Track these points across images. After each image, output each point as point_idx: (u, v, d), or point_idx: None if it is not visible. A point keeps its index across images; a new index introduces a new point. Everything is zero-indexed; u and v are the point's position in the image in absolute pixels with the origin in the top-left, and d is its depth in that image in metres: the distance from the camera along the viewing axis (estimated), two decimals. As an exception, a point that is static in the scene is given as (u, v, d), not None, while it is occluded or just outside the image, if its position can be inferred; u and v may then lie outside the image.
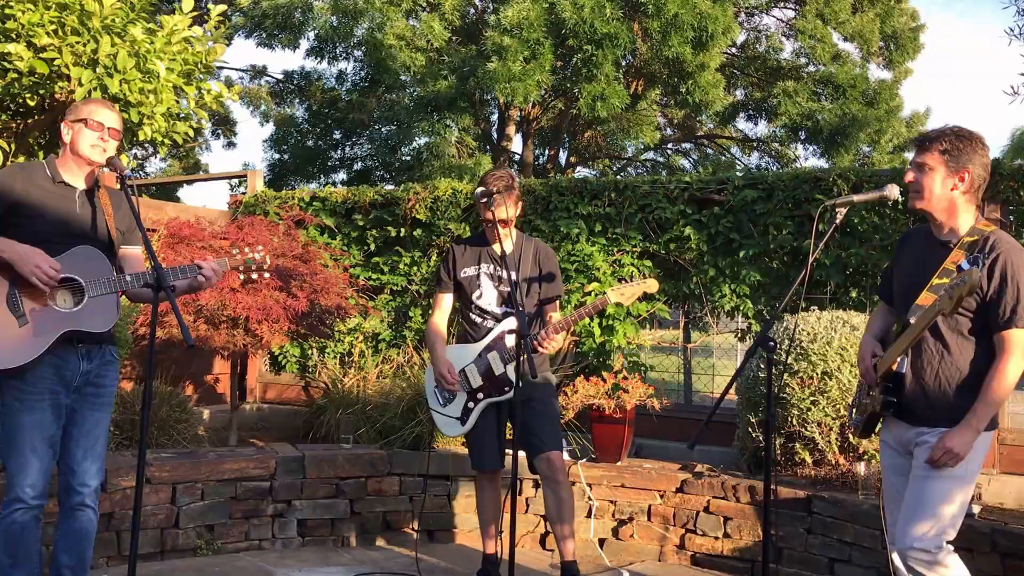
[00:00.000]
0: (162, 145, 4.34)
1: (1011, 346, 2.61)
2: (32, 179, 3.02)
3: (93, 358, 3.07)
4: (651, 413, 4.95)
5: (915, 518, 2.66)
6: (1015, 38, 4.52)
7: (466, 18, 14.24)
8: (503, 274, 3.84)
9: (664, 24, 11.18)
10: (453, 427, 3.83)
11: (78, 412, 3.06)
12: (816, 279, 5.12)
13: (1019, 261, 2.63)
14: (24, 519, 2.92)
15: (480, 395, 3.80)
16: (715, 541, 4.42)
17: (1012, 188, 4.64)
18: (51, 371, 2.96)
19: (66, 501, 3.06)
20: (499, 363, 3.77)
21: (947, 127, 2.76)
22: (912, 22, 15.33)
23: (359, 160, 16.27)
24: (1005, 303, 2.61)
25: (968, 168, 2.69)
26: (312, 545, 4.57)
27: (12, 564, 2.93)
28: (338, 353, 6.52)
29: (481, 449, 3.86)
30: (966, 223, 2.74)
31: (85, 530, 3.07)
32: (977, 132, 2.74)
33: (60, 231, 2.99)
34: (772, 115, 14.70)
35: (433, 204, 6.41)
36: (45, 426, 2.94)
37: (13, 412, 2.93)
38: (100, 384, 3.11)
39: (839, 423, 4.27)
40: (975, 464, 2.68)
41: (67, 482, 3.06)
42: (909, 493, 2.71)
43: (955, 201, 2.73)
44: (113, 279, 2.98)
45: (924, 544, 2.62)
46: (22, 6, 3.71)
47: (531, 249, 3.90)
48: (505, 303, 3.85)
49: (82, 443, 3.05)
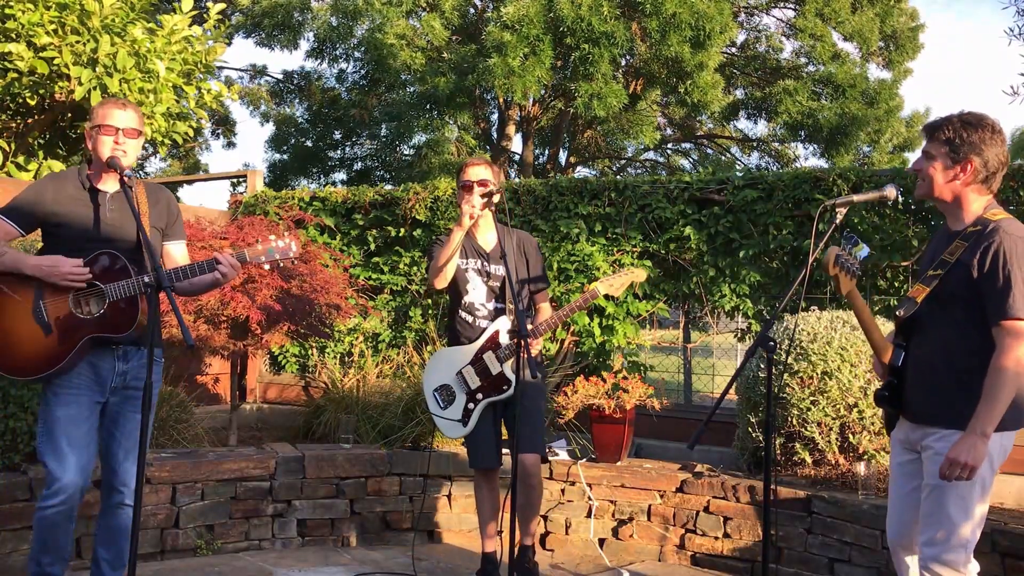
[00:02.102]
0: (162, 145, 4.34)
1: (1005, 340, 2.46)
2: (63, 188, 3.10)
3: (131, 359, 3.13)
4: (651, 413, 4.95)
5: (934, 529, 2.56)
6: (1015, 38, 4.53)
7: (466, 17, 14.24)
8: (491, 269, 3.86)
9: (662, 23, 11.18)
10: (455, 429, 3.84)
11: (120, 414, 3.14)
12: (816, 279, 5.12)
13: (1018, 250, 2.49)
14: (57, 513, 2.99)
15: (480, 395, 3.80)
16: (715, 541, 4.42)
17: (1012, 188, 4.64)
18: (86, 368, 3.05)
19: (107, 499, 3.17)
20: (495, 363, 3.78)
21: (955, 113, 2.64)
22: (911, 22, 15.33)
23: (359, 160, 16.28)
24: (996, 292, 2.48)
25: (971, 158, 2.58)
26: (312, 545, 4.57)
27: (42, 550, 3.04)
28: (338, 353, 6.52)
29: (479, 448, 3.87)
30: (974, 213, 2.64)
31: (124, 526, 3.17)
32: (989, 118, 2.61)
33: (90, 237, 3.06)
34: (772, 114, 14.71)
35: (433, 204, 6.41)
36: (80, 421, 3.02)
37: (49, 406, 3.03)
38: (141, 387, 3.14)
39: (839, 423, 4.27)
40: (987, 468, 2.53)
41: (109, 481, 3.16)
42: (925, 503, 2.62)
43: (960, 192, 2.63)
44: (132, 282, 3.01)
45: (950, 559, 2.53)
46: (22, 6, 3.71)
47: (514, 240, 3.92)
48: (496, 299, 3.86)
49: (123, 444, 3.14)
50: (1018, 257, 2.48)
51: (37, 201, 3.06)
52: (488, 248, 3.90)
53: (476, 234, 3.92)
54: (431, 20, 12.94)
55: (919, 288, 2.67)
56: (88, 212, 3.10)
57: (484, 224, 3.90)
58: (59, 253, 3.02)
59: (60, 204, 3.07)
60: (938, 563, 2.55)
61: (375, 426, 5.18)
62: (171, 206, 3.30)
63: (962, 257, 2.57)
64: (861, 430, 4.24)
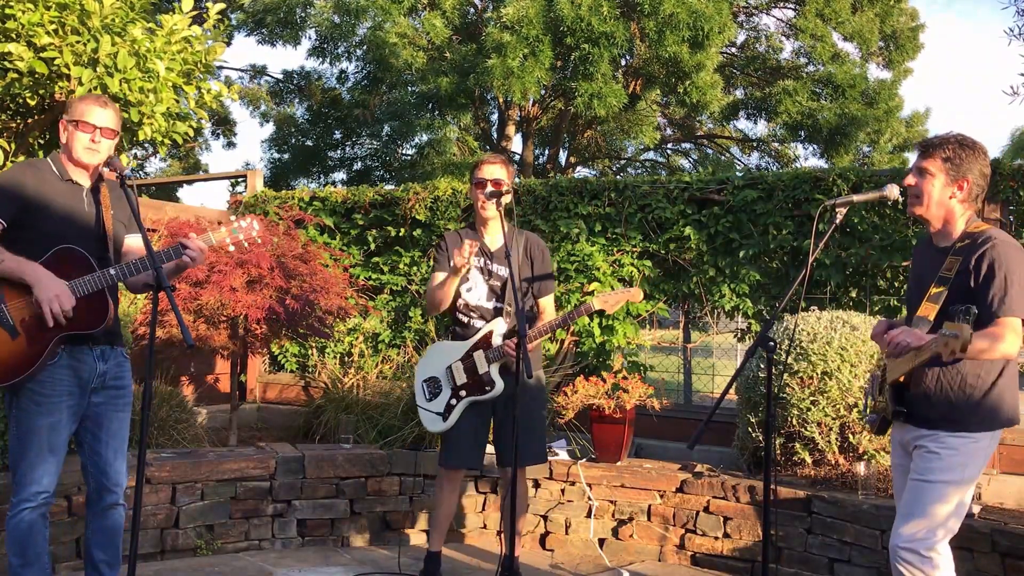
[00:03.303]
0: (162, 145, 4.33)
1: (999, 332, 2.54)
2: (42, 177, 3.02)
3: (108, 359, 3.11)
4: (651, 413, 4.95)
5: (907, 518, 2.68)
6: (1015, 38, 4.52)
7: (467, 17, 14.25)
8: (493, 268, 3.86)
9: (659, 24, 11.18)
10: (435, 423, 3.84)
11: (104, 415, 3.11)
12: (816, 279, 5.12)
13: (1009, 254, 2.62)
14: (32, 517, 2.94)
15: (463, 392, 3.80)
16: (715, 541, 4.42)
17: (1012, 188, 4.64)
18: (68, 373, 3.00)
19: (99, 501, 3.12)
20: (483, 362, 3.77)
21: (951, 134, 2.79)
22: (912, 22, 15.34)
23: (359, 160, 16.28)
24: (992, 294, 2.59)
25: (968, 177, 2.73)
26: (312, 545, 4.57)
27: (22, 564, 2.95)
28: (338, 353, 6.52)
29: (453, 446, 3.84)
30: (960, 228, 2.78)
31: (118, 526, 3.16)
32: (980, 142, 2.78)
33: (68, 231, 3.00)
34: (772, 114, 14.71)
35: (433, 204, 6.41)
36: (60, 428, 2.98)
37: (30, 415, 2.94)
38: (121, 385, 3.17)
39: (839, 423, 4.27)
40: (974, 468, 2.68)
41: (100, 483, 3.12)
42: (906, 493, 2.75)
43: (952, 209, 2.77)
44: (97, 276, 2.96)
45: (913, 545, 2.63)
46: (22, 6, 3.71)
47: (522, 242, 3.91)
48: (496, 298, 3.86)
49: (111, 444, 3.12)
50: (1011, 261, 2.61)
51: (17, 187, 2.94)
52: (494, 248, 3.90)
53: (484, 232, 3.92)
54: (432, 19, 12.94)
55: (929, 307, 2.73)
56: (68, 204, 3.02)
57: (493, 224, 3.90)
58: (28, 243, 2.90)
59: (42, 194, 2.97)
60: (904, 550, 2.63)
61: (375, 426, 5.18)
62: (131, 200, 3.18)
63: (960, 269, 2.68)
64: (861, 430, 4.24)
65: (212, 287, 4.92)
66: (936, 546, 2.63)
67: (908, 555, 2.63)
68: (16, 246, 2.93)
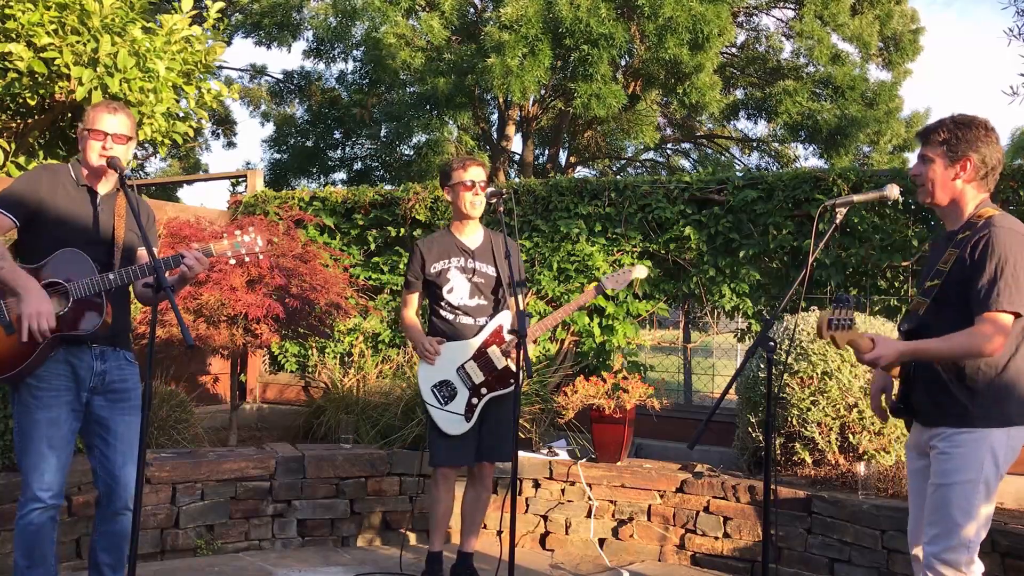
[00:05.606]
0: (162, 145, 4.34)
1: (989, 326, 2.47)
2: (57, 181, 3.07)
3: (107, 359, 3.11)
4: (651, 413, 4.95)
5: (937, 526, 2.58)
6: (1015, 38, 4.53)
7: (465, 17, 14.24)
8: (476, 266, 3.87)
9: (659, 26, 11.19)
10: (457, 424, 3.81)
11: (110, 419, 3.11)
12: (816, 279, 5.12)
13: (1010, 241, 2.49)
14: (41, 520, 2.95)
15: (484, 390, 3.81)
16: (715, 541, 4.42)
17: (1012, 188, 4.64)
18: (66, 369, 3.01)
19: (108, 506, 3.13)
20: (500, 357, 3.80)
21: (947, 116, 2.68)
22: (912, 24, 15.33)
23: (359, 160, 16.29)
24: (981, 282, 2.48)
25: (969, 155, 2.62)
26: (312, 545, 4.57)
27: (29, 566, 2.96)
28: (338, 353, 6.52)
29: (442, 446, 3.84)
30: (968, 213, 2.66)
31: (126, 531, 3.14)
32: (980, 117, 2.65)
33: (75, 235, 3.03)
34: (772, 115, 14.72)
35: (433, 204, 6.41)
36: (60, 423, 2.98)
37: (29, 410, 2.97)
38: (125, 389, 3.16)
39: (839, 423, 4.27)
40: (991, 466, 2.56)
41: (110, 488, 3.12)
42: (929, 501, 2.64)
43: (960, 191, 2.66)
44: (96, 279, 2.98)
45: (951, 558, 2.54)
46: (22, 6, 3.71)
47: (499, 241, 3.94)
48: (480, 295, 3.87)
49: (120, 449, 3.11)
50: (1007, 248, 2.49)
51: (31, 190, 3.00)
52: (473, 246, 3.92)
53: (461, 232, 3.94)
54: (430, 19, 12.94)
55: (919, 301, 2.69)
56: (81, 210, 3.07)
57: (472, 223, 3.94)
58: (36, 244, 2.96)
59: (55, 199, 3.03)
60: (940, 561, 2.56)
61: (375, 426, 5.18)
62: (150, 213, 3.31)
63: (956, 260, 2.59)
64: (861, 430, 4.24)
65: (212, 286, 4.93)
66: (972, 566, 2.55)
67: (947, 569, 2.54)
68: (25, 247, 3.02)
